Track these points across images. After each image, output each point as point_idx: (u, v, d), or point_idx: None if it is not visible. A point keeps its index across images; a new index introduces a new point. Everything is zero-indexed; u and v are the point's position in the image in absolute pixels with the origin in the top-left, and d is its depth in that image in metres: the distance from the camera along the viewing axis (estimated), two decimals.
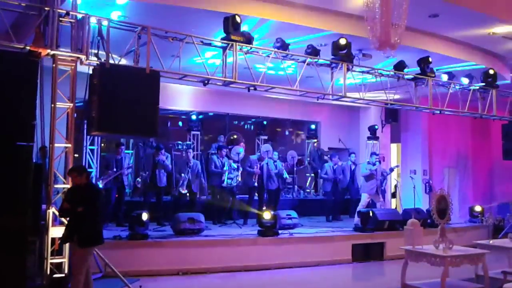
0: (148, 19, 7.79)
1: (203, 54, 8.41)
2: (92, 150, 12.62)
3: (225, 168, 11.45)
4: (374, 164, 11.97)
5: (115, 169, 10.42)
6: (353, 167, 13.41)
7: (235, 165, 11.68)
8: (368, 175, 11.84)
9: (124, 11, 8.23)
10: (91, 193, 6.01)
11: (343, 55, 9.62)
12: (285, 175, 12.25)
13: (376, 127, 15.36)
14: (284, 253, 9.22)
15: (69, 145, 7.11)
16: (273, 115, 15.92)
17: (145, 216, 8.52)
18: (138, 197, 11.61)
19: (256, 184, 11.76)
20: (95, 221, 5.98)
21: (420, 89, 11.21)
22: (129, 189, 12.04)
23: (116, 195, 10.57)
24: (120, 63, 7.54)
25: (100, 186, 10.19)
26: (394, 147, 16.89)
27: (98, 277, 7.46)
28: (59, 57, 7.00)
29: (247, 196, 12.18)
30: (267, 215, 9.55)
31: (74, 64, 7.18)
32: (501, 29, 10.17)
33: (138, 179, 11.08)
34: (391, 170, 13.20)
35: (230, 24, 8.30)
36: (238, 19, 8.28)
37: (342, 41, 9.47)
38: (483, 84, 11.93)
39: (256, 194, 11.94)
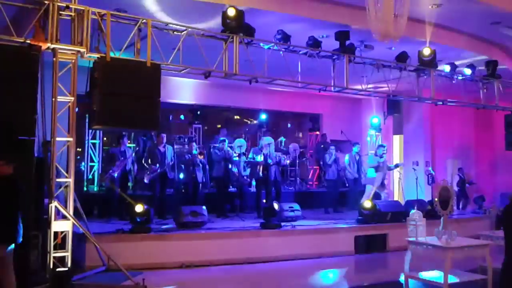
0: (148, 12, 7.76)
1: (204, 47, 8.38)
2: (94, 144, 12.63)
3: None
4: (381, 157, 12.01)
5: (157, 165, 10.47)
6: (357, 157, 13.32)
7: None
8: (376, 166, 11.89)
9: (124, 4, 8.19)
10: (8, 187, 5.45)
11: (345, 46, 9.59)
12: (284, 161, 12.23)
13: (377, 121, 15.32)
14: (287, 245, 9.21)
15: (71, 139, 7.10)
16: (275, 107, 15.89)
17: (139, 208, 8.51)
18: (140, 191, 11.57)
19: (261, 175, 11.76)
20: (9, 218, 5.42)
21: (422, 80, 11.16)
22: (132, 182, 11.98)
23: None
24: (121, 56, 7.51)
25: (146, 181, 10.37)
26: (396, 138, 16.84)
27: (101, 271, 7.50)
28: (59, 50, 6.99)
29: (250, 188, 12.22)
30: (270, 207, 9.55)
31: (74, 57, 7.16)
32: None
33: (147, 172, 10.64)
34: (396, 166, 13.18)
35: (230, 16, 8.26)
36: (237, 11, 8.23)
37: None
38: (486, 75, 11.88)
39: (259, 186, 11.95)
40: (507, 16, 9.88)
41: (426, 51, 10.54)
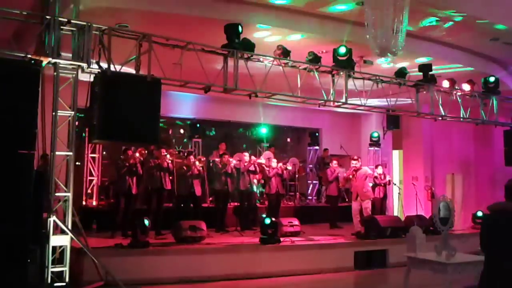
0: (149, 27, 7.80)
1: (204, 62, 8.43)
2: (93, 158, 12.62)
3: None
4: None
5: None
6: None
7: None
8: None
9: (125, 19, 8.25)
10: None
11: (344, 62, 9.63)
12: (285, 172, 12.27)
13: (377, 135, 15.33)
14: (286, 261, 9.15)
15: (71, 153, 7.11)
16: (275, 122, 15.93)
17: (147, 222, 8.50)
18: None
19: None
20: None
21: (421, 95, 11.19)
22: None
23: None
24: (122, 70, 7.54)
25: None
26: (396, 153, 16.85)
27: (99, 286, 7.44)
28: (60, 65, 7.01)
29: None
30: (270, 222, 9.50)
31: (75, 72, 7.20)
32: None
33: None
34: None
35: (231, 32, 8.31)
36: (239, 26, 8.30)
37: (342, 50, 9.49)
38: (485, 90, 11.91)
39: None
40: (505, 33, 9.95)
41: (426, 66, 10.66)
